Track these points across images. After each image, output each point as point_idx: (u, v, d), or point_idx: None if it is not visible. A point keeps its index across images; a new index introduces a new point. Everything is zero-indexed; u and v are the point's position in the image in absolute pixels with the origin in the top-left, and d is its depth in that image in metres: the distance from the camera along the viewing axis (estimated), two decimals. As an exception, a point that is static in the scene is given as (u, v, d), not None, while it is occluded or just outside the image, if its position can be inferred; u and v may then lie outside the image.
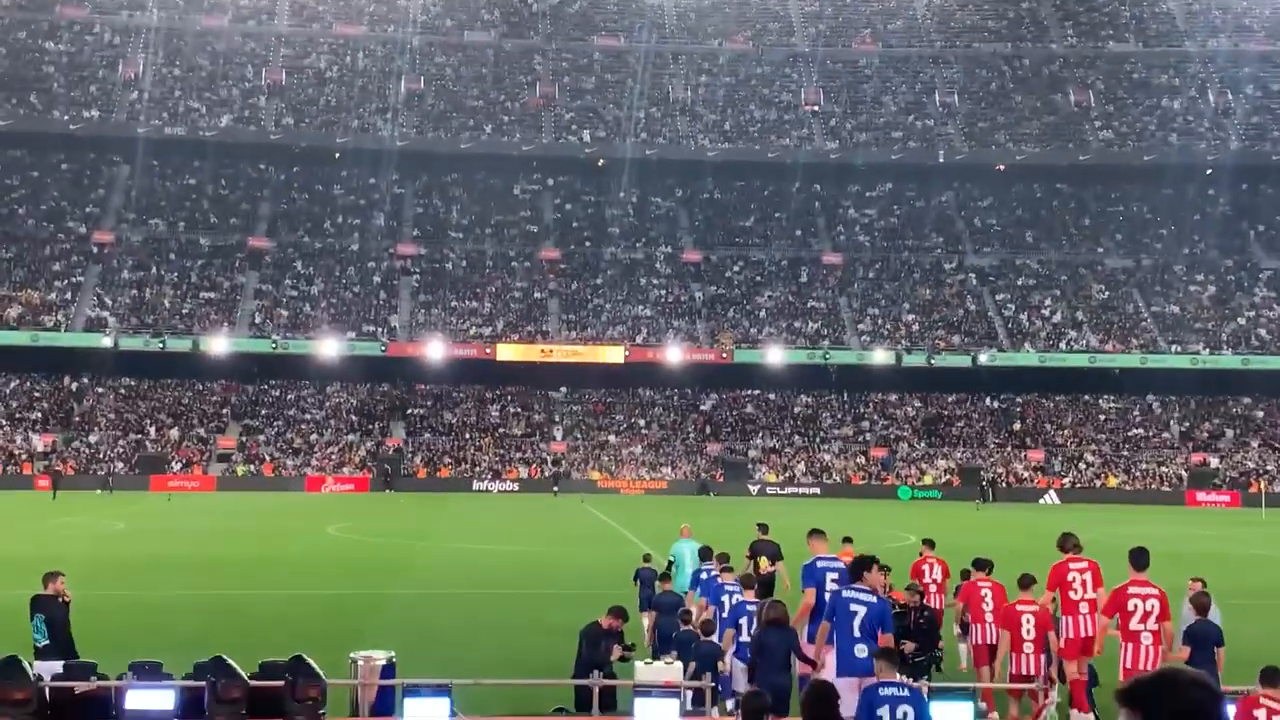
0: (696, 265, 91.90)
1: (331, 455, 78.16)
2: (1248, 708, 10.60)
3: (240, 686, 13.09)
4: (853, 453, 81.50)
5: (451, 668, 15.28)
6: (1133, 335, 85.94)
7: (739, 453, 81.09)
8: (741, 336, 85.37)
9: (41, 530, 41.81)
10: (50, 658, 13.81)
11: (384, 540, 40.26)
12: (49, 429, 77.48)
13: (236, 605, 24.20)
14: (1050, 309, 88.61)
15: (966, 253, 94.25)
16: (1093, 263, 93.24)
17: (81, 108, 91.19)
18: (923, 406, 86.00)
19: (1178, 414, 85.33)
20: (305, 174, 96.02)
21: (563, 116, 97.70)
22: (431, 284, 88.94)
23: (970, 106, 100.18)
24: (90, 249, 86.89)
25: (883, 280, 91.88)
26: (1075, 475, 79.52)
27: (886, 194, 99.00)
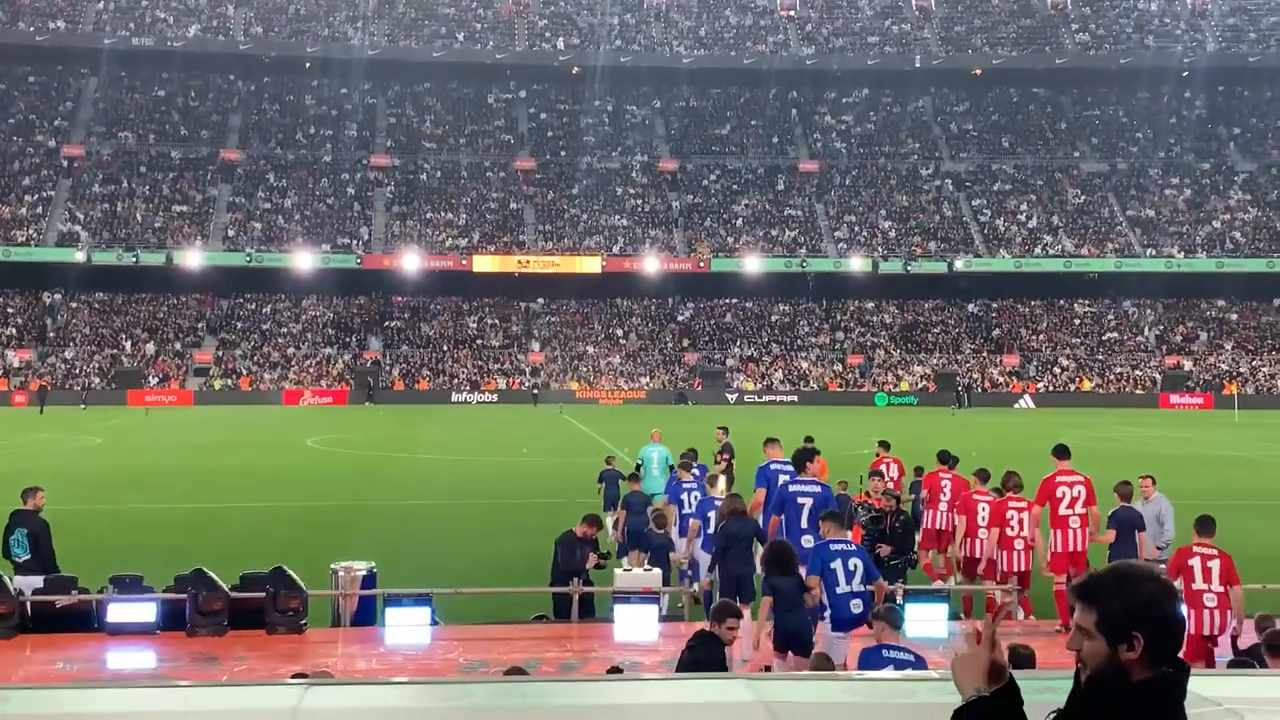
0: (673, 174, 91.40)
1: (309, 368, 78.06)
2: (1182, 558, 11.77)
3: (221, 598, 13.19)
4: (830, 360, 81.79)
5: (432, 577, 15.40)
6: (1108, 239, 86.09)
7: (716, 361, 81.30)
8: (718, 245, 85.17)
9: (18, 445, 41.76)
10: (31, 572, 13.84)
11: (363, 452, 40.37)
12: (24, 345, 77.08)
13: (216, 518, 24.29)
14: (1026, 214, 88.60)
15: (943, 158, 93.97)
16: (1068, 167, 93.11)
17: (47, 19, 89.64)
18: (899, 313, 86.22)
19: (1152, 317, 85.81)
20: (276, 84, 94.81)
21: (536, 24, 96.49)
22: (406, 195, 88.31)
23: (947, 10, 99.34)
24: (60, 163, 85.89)
25: (859, 187, 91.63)
26: (1050, 380, 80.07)
27: (863, 100, 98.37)
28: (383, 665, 12.23)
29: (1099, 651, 3.18)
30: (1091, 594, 3.21)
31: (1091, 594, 3.21)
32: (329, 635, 13.48)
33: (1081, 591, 3.23)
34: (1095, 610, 3.19)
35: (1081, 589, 3.23)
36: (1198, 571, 11.64)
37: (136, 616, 13.18)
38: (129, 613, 13.19)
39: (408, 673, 11.62)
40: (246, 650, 12.56)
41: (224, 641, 12.88)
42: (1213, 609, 11.57)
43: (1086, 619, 3.20)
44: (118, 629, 13.07)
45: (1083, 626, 3.20)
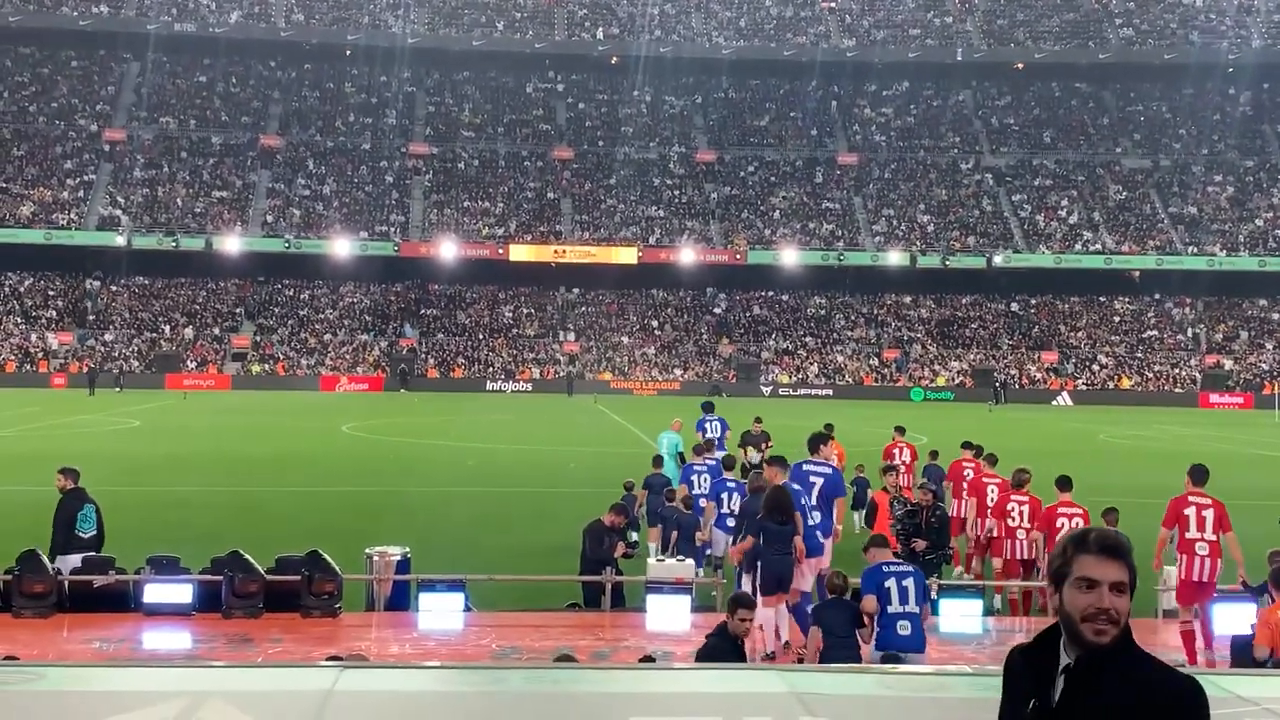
0: (710, 165, 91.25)
1: (345, 355, 78.42)
2: (1178, 507, 12.35)
3: (257, 581, 13.28)
4: (866, 354, 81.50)
5: (465, 563, 15.45)
6: (1149, 236, 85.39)
7: (751, 354, 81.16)
8: (755, 238, 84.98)
9: (58, 426, 42.14)
10: (93, 549, 13.98)
11: (398, 439, 40.53)
12: (64, 327, 77.77)
13: (253, 502, 24.43)
14: (1067, 210, 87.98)
15: (983, 153, 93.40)
16: (1110, 163, 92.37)
17: (91, 3, 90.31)
18: (936, 308, 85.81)
19: (1192, 316, 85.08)
20: (316, 71, 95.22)
21: (576, 13, 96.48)
22: (444, 184, 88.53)
23: (989, 4, 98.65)
24: (101, 147, 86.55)
25: (898, 181, 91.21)
26: (1089, 377, 79.54)
27: (903, 93, 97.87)
28: (416, 650, 12.27)
29: (1128, 608, 3.41)
30: (1123, 551, 3.41)
31: (1123, 551, 3.41)
32: (363, 619, 13.55)
33: (1117, 549, 3.41)
34: (1127, 566, 3.40)
35: (1116, 547, 3.42)
36: (1193, 520, 12.15)
37: (173, 597, 13.29)
38: (165, 593, 13.30)
39: (440, 658, 11.66)
40: (282, 632, 12.64)
41: (259, 624, 12.97)
42: (1204, 556, 12.08)
43: (1124, 574, 3.40)
44: (154, 609, 13.17)
45: (1122, 583, 3.39)
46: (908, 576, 10.72)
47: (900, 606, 10.52)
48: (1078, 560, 3.40)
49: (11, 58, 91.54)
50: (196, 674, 7.12)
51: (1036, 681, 3.48)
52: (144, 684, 6.52)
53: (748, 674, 7.82)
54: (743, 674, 7.82)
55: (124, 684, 6.58)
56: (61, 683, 6.62)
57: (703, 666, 8.44)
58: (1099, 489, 21.44)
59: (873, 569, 10.69)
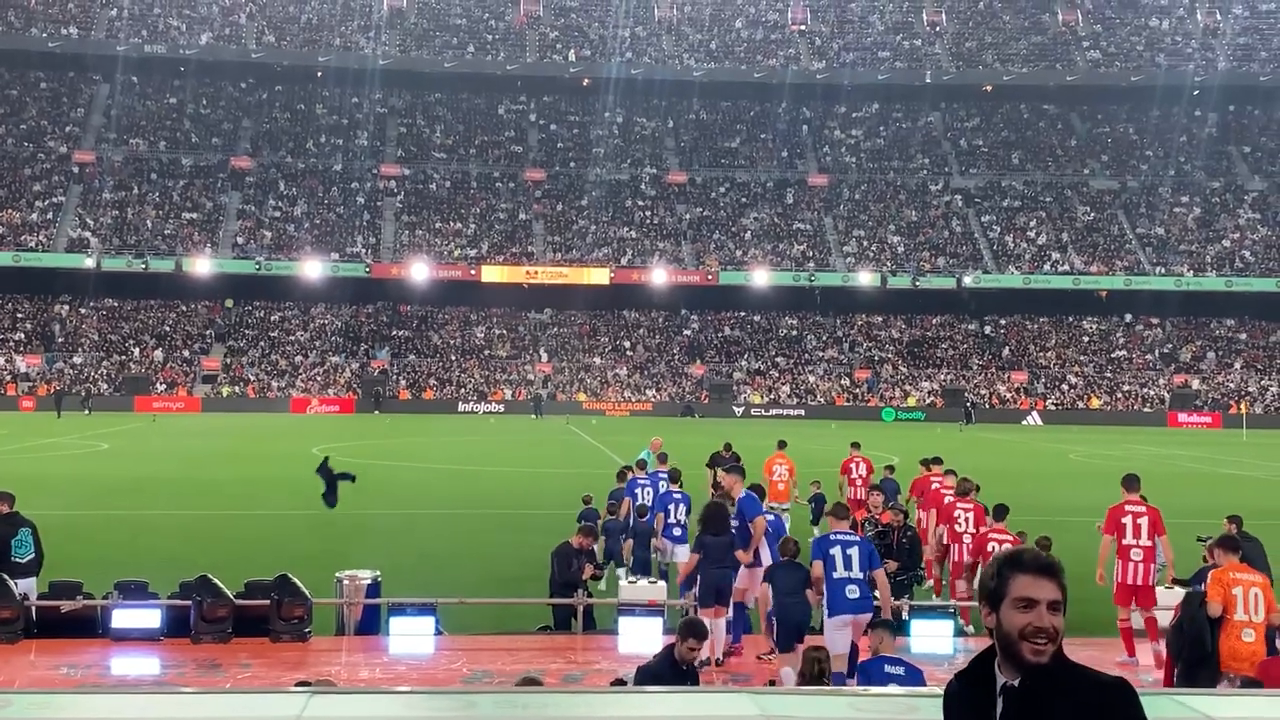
0: (682, 186, 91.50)
1: (316, 376, 78.13)
2: (1116, 515, 13.20)
3: (226, 605, 13.21)
4: (837, 375, 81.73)
5: (436, 587, 15.41)
6: (1117, 257, 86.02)
7: (724, 375, 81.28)
8: (727, 258, 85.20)
9: (25, 450, 41.81)
10: (31, 573, 13.75)
11: (369, 461, 40.38)
12: (32, 350, 77.23)
13: (222, 525, 24.30)
14: (1035, 230, 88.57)
15: (952, 174, 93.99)
16: (1078, 184, 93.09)
17: (60, 25, 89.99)
18: (907, 328, 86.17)
19: (1160, 336, 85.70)
20: (287, 93, 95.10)
21: (547, 35, 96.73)
22: (415, 205, 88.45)
23: (958, 26, 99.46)
24: (71, 169, 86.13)
25: (868, 202, 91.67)
26: (1058, 397, 79.96)
27: (873, 115, 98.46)
28: (386, 674, 12.22)
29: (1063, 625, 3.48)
30: (1056, 570, 3.50)
31: (1056, 570, 3.50)
32: (333, 643, 13.49)
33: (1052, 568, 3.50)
34: (1060, 586, 3.49)
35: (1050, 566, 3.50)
36: (1129, 527, 13.06)
37: (141, 622, 13.19)
38: (134, 619, 13.20)
39: (411, 682, 11.61)
40: (251, 657, 12.56)
41: (228, 648, 12.89)
42: (1138, 562, 13.03)
43: (1059, 593, 3.48)
44: (122, 635, 13.08)
45: (1057, 601, 3.47)
46: (853, 545, 11.44)
47: (845, 572, 11.15)
48: (1014, 580, 3.46)
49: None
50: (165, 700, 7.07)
51: (975, 706, 3.55)
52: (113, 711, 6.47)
53: (719, 697, 7.82)
54: (714, 697, 7.82)
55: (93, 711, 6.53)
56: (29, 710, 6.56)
57: (674, 690, 8.42)
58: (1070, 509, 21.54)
59: (821, 538, 11.59)
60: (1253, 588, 10.60)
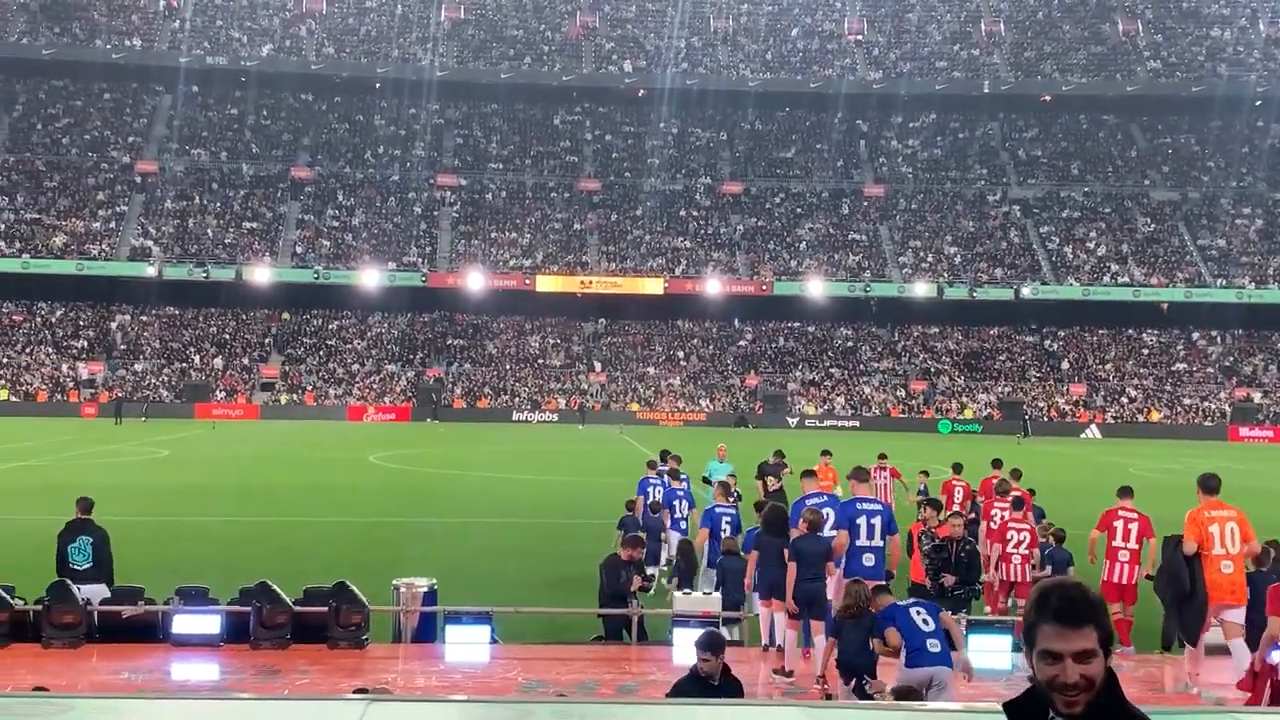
0: (736, 197, 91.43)
1: (373, 385, 78.68)
2: (1110, 518, 14.32)
3: (285, 612, 13.31)
4: (892, 386, 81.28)
5: (491, 595, 15.46)
6: (1178, 269, 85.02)
7: (777, 385, 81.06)
8: (781, 269, 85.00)
9: (86, 456, 42.38)
10: (92, 580, 13.95)
11: (425, 469, 40.60)
12: (94, 357, 78.31)
13: (281, 532, 24.50)
14: (1095, 242, 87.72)
15: (1011, 184, 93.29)
16: (1138, 195, 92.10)
17: (124, 36, 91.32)
18: (964, 339, 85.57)
19: (1221, 349, 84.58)
20: (346, 104, 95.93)
21: (603, 46, 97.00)
22: (471, 215, 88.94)
23: (1016, 36, 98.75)
24: (134, 178, 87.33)
25: (925, 212, 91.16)
26: (1117, 410, 79.10)
27: (930, 125, 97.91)
28: (443, 682, 12.26)
29: (1102, 668, 3.26)
30: (1083, 617, 3.26)
31: (1083, 617, 3.26)
32: (390, 651, 13.55)
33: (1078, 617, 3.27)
34: (1095, 629, 3.26)
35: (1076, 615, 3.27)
36: (1120, 531, 14.15)
37: (201, 628, 13.32)
38: (194, 624, 13.33)
39: (467, 690, 11.65)
40: (309, 664, 12.65)
41: (287, 655, 12.98)
42: (1124, 563, 14.13)
43: (1091, 640, 3.25)
44: (182, 640, 13.21)
45: (1089, 650, 3.25)
46: (877, 515, 12.29)
47: (867, 540, 11.86)
48: (1040, 629, 3.27)
49: (45, 90, 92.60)
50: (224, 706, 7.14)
51: None
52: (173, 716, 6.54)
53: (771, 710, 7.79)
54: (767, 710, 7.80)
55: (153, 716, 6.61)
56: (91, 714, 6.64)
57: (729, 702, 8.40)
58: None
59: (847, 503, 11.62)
60: (1228, 522, 11.63)
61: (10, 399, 72.97)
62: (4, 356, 77.43)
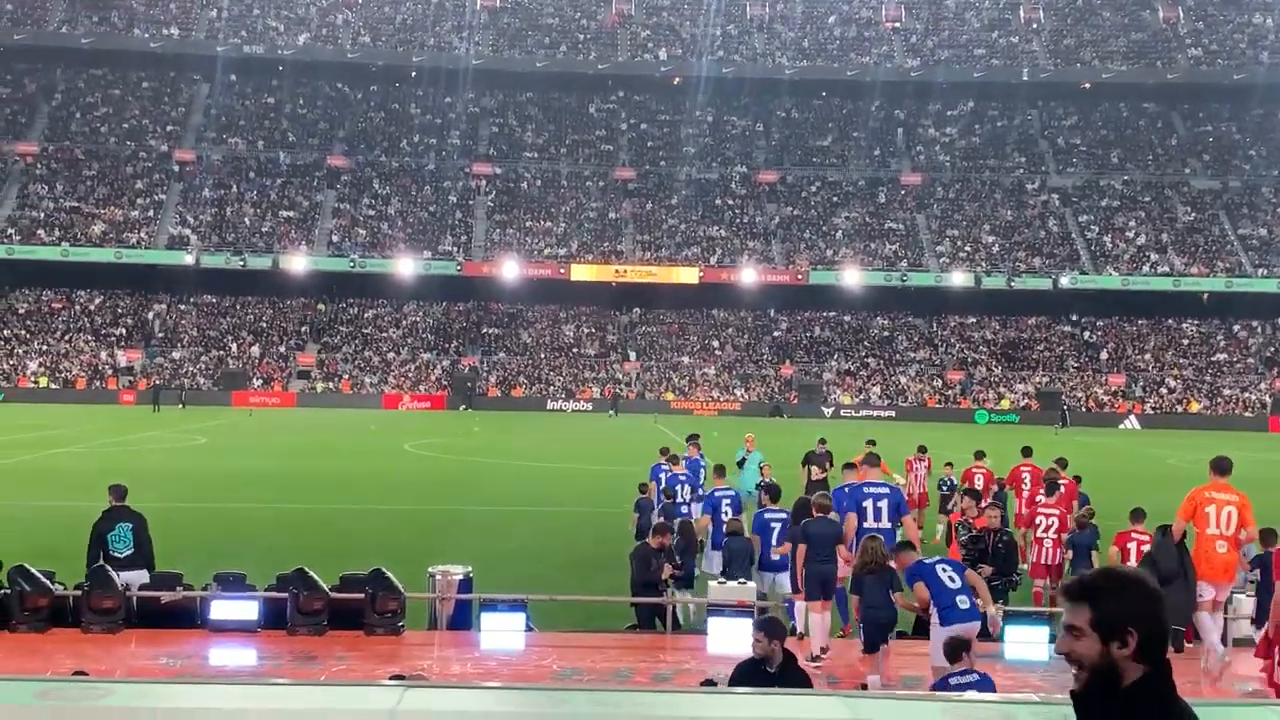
0: (772, 185, 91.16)
1: (408, 373, 78.98)
2: (1122, 541, 14.17)
3: (321, 598, 13.38)
4: (929, 376, 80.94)
5: (526, 583, 15.48)
6: (1218, 258, 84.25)
7: (813, 375, 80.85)
8: (817, 258, 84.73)
9: (125, 443, 42.73)
10: (134, 567, 14.04)
11: (460, 458, 40.74)
12: (133, 345, 78.92)
13: (318, 519, 24.63)
14: (1134, 231, 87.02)
15: (1049, 173, 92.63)
16: (1179, 184, 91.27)
17: (161, 26, 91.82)
18: (1001, 329, 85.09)
19: (1262, 339, 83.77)
20: (382, 92, 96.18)
21: (638, 35, 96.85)
22: (506, 204, 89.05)
23: (1055, 23, 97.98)
24: (171, 167, 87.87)
25: (963, 201, 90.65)
26: (1157, 400, 78.49)
27: (968, 113, 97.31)
28: (478, 669, 12.29)
29: (1092, 650, 3.29)
30: (1084, 594, 3.34)
31: (1084, 594, 3.34)
32: (426, 638, 13.59)
33: (1074, 592, 3.37)
34: (1089, 609, 3.32)
35: (1073, 590, 3.38)
36: (1133, 553, 14.24)
37: (239, 614, 13.40)
38: (231, 610, 13.41)
39: (502, 678, 11.66)
40: (345, 650, 12.71)
41: (323, 641, 13.05)
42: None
43: (1079, 618, 3.33)
44: (220, 626, 13.29)
45: (1075, 626, 3.33)
46: (884, 498, 12.75)
47: (874, 523, 12.24)
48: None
49: (84, 79, 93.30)
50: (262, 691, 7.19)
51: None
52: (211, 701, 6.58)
53: (811, 700, 7.76)
54: (806, 699, 7.77)
55: (191, 700, 6.65)
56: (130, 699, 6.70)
57: (765, 691, 8.38)
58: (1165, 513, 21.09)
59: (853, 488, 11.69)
60: (1226, 506, 12.16)
61: (50, 386, 73.72)
62: (44, 344, 78.17)
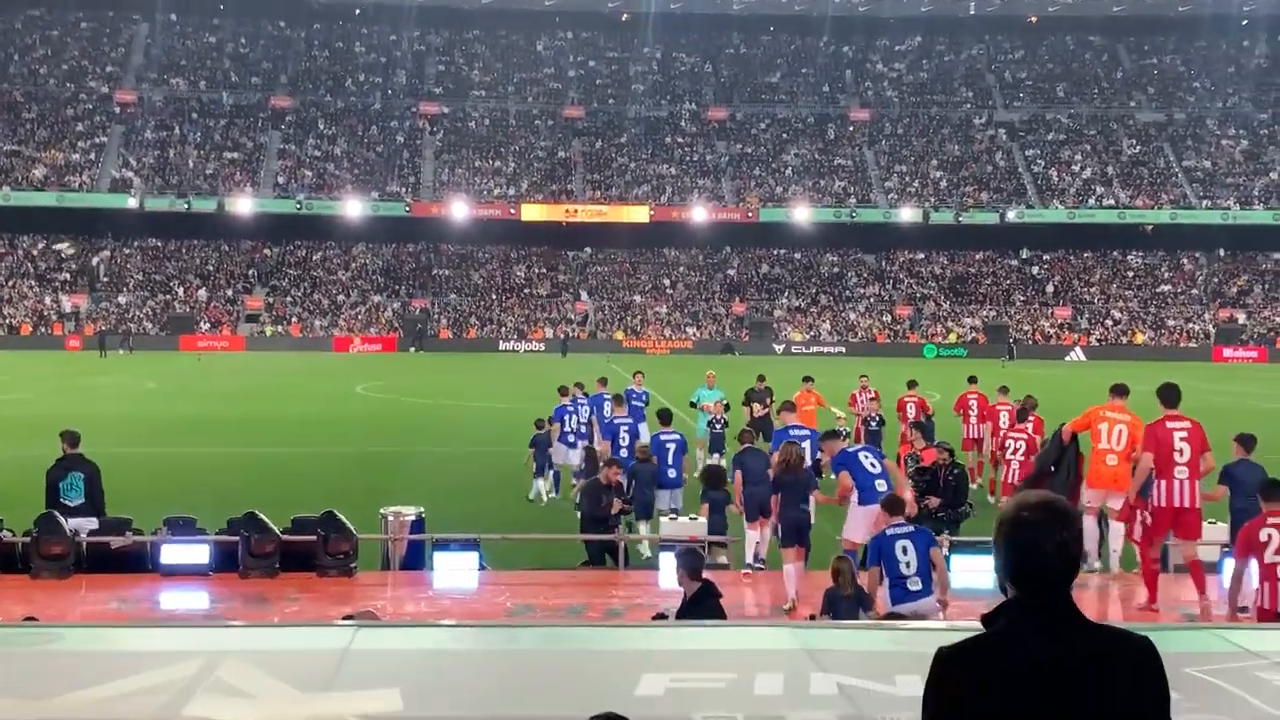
0: (722, 123, 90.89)
1: (358, 315, 78.52)
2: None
3: (273, 541, 13.36)
4: (878, 311, 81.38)
5: (479, 523, 15.53)
6: (1163, 191, 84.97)
7: (764, 312, 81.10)
8: (767, 195, 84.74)
9: (72, 389, 42.33)
10: (83, 515, 13.95)
11: (411, 399, 40.65)
12: (77, 290, 77.95)
13: (268, 463, 24.55)
14: (1080, 165, 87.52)
15: (996, 107, 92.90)
16: (1124, 117, 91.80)
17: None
18: (949, 264, 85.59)
19: (1206, 270, 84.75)
20: (325, 31, 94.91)
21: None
22: (455, 143, 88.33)
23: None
24: (113, 109, 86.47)
25: (911, 136, 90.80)
26: (1102, 332, 79.37)
27: (916, 48, 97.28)
28: (432, 608, 12.35)
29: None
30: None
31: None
32: (379, 578, 13.63)
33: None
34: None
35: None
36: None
37: (190, 558, 13.37)
38: (182, 554, 13.38)
39: (456, 616, 11.72)
40: (298, 592, 12.72)
41: (276, 583, 13.05)
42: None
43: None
44: (171, 570, 13.26)
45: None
46: (805, 440, 13.68)
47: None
48: None
49: (21, 20, 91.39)
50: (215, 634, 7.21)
51: None
52: (163, 644, 6.60)
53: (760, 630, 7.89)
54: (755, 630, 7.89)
55: (144, 644, 6.66)
56: (82, 643, 6.70)
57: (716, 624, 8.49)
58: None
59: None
60: (1118, 424, 13.24)
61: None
62: (-14, 290, 77.10)
